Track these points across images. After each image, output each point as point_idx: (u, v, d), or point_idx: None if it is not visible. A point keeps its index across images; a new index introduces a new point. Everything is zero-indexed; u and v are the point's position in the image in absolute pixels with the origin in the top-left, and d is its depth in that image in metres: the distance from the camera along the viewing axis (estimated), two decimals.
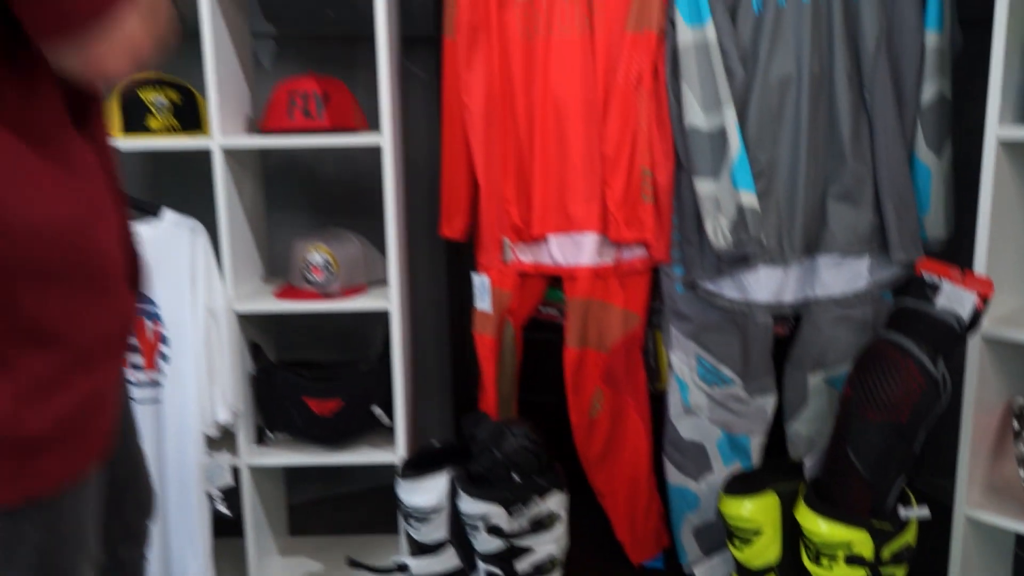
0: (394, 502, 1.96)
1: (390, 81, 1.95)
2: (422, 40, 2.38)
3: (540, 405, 2.20)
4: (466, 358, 2.33)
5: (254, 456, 2.11)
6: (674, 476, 2.03)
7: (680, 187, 1.93)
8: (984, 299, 1.54)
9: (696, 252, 1.92)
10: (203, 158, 1.98)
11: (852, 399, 1.58)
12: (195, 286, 1.95)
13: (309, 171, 2.54)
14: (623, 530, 2.10)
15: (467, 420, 1.92)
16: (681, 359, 1.99)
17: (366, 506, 2.58)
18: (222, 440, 2.10)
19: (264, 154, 2.27)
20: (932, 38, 1.79)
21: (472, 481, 1.78)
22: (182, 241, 1.94)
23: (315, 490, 2.65)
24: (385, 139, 1.95)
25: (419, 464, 1.91)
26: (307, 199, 2.53)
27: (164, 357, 1.96)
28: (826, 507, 1.60)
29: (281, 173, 2.45)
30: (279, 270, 2.31)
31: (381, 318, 2.08)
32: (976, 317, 1.55)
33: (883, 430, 1.54)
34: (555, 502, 1.82)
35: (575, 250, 2.00)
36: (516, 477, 1.76)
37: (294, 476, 2.41)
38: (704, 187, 1.84)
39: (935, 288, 1.59)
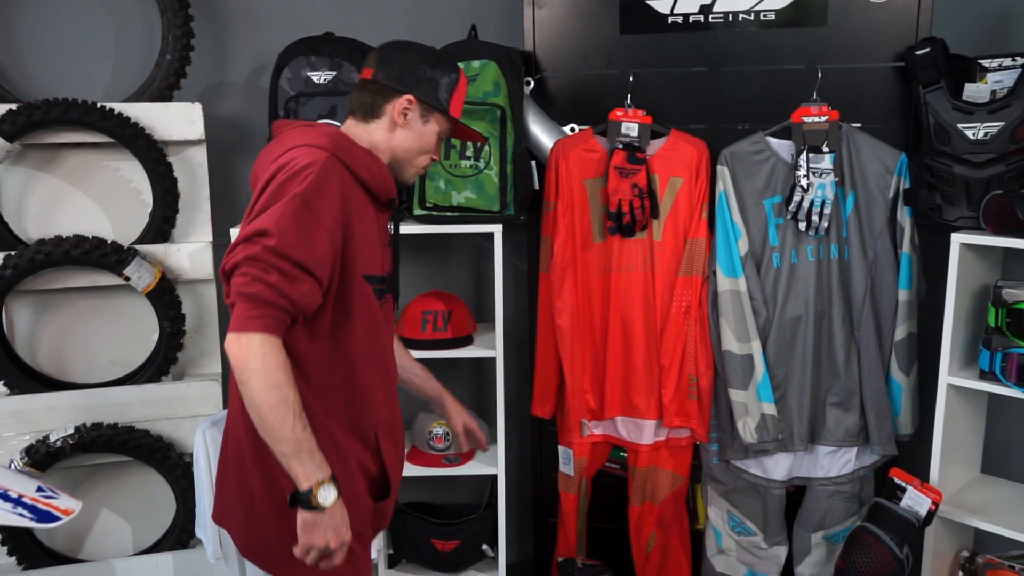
0: None
1: (503, 311, 2.62)
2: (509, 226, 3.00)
3: (604, 531, 2.88)
4: (544, 500, 2.99)
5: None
6: None
7: (717, 390, 2.60)
8: (936, 504, 2.23)
9: (728, 438, 2.59)
10: None
11: (844, 571, 2.26)
12: None
13: None
14: None
15: (562, 567, 2.60)
16: (716, 513, 2.68)
17: None
18: None
19: None
20: (903, 294, 2.46)
21: None
22: None
23: None
24: (499, 352, 2.62)
25: None
26: None
27: None
28: None
29: None
30: None
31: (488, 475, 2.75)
32: (930, 516, 2.24)
33: None
34: None
35: (637, 431, 2.67)
36: None
37: None
38: (736, 396, 2.51)
39: (903, 490, 2.28)
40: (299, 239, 1.45)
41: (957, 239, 2.27)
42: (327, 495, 1.48)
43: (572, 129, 2.70)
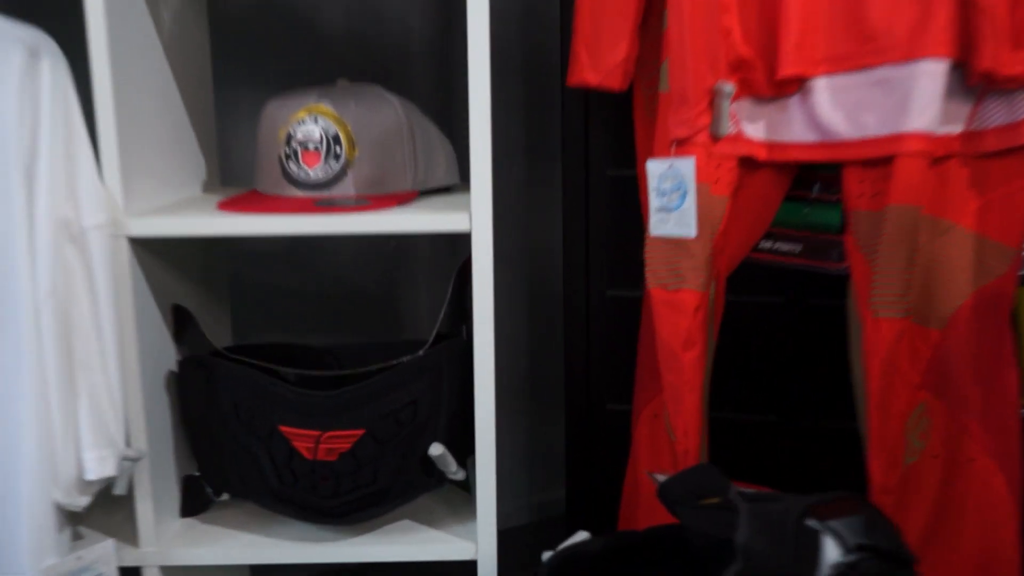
0: None
1: None
2: None
3: (744, 427, 1.11)
4: (588, 341, 1.24)
5: (174, 546, 0.99)
6: None
7: None
8: None
9: None
10: None
11: None
12: (32, 177, 0.85)
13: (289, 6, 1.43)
14: None
15: (670, 491, 0.80)
16: None
17: None
18: (97, 513, 1.01)
19: None
20: None
21: None
22: (3, 71, 0.84)
23: None
24: None
25: None
26: (287, 51, 1.42)
27: None
28: None
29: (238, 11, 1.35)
30: (237, 177, 1.23)
31: (439, 262, 1.00)
32: None
33: None
34: None
35: (883, 104, 0.91)
36: None
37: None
38: None
39: None
40: None
41: None
42: None
43: None
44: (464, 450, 1.00)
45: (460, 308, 1.02)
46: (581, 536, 0.83)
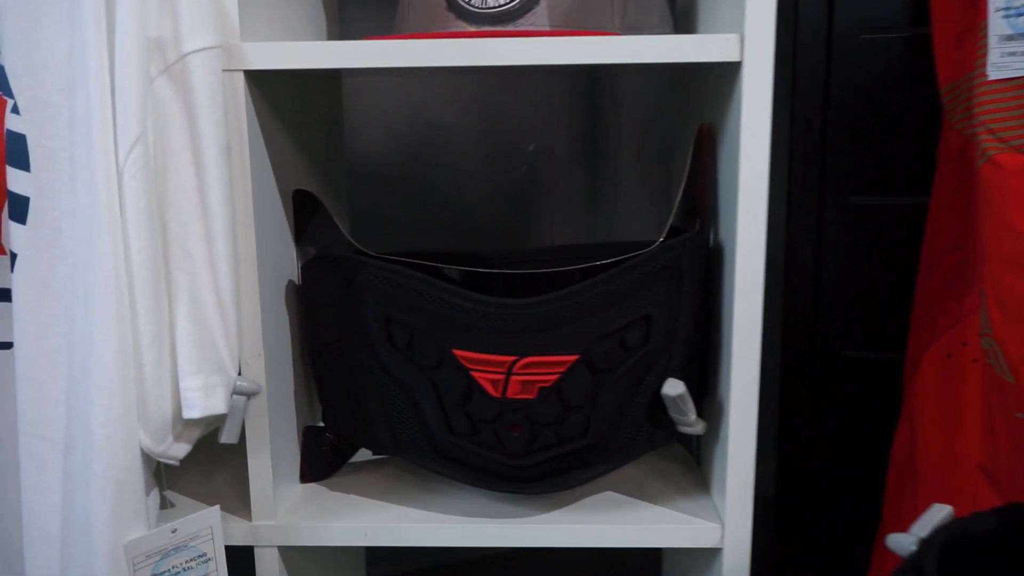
0: None
1: None
2: None
3: None
4: (816, 273, 0.94)
5: (295, 519, 0.72)
6: None
7: None
8: None
9: None
10: None
11: None
12: None
13: None
14: None
15: None
16: None
17: None
18: (187, 477, 0.74)
19: None
20: None
21: None
22: None
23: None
24: None
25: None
26: None
27: (19, 209, 0.60)
28: None
29: None
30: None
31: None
32: None
33: None
34: None
35: None
36: None
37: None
38: None
39: None
40: None
41: None
42: None
43: None
44: (699, 392, 0.71)
45: (694, 196, 0.73)
46: (943, 511, 0.54)
